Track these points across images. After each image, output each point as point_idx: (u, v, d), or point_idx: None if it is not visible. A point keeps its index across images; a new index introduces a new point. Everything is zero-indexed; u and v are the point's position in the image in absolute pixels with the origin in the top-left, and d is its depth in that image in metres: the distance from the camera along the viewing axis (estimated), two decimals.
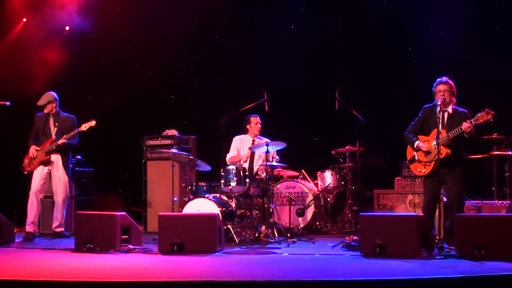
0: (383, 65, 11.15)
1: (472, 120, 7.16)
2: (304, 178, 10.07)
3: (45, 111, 9.21)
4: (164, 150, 10.11)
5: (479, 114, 7.13)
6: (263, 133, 9.60)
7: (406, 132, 7.73)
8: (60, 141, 9.02)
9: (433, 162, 7.36)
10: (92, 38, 12.26)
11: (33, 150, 9.11)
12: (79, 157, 10.19)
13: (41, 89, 9.42)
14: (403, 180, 9.54)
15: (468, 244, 6.67)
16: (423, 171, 7.54)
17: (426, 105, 7.64)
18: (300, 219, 9.49)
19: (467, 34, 10.62)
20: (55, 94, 9.27)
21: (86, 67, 12.09)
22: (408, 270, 6.12)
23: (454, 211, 7.24)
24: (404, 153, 7.79)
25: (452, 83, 7.50)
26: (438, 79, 7.54)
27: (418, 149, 7.57)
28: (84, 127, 9.02)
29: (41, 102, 9.17)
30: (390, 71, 11.09)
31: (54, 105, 9.22)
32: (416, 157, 7.59)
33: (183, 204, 8.74)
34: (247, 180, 8.64)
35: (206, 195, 8.62)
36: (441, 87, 7.46)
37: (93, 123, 9.03)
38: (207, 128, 10.09)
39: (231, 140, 9.66)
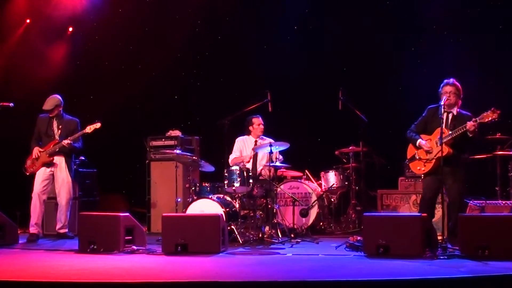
0: (386, 65, 11.13)
1: (477, 118, 7.12)
2: (308, 179, 10.07)
3: (51, 115, 9.17)
4: (167, 150, 10.10)
5: (485, 113, 7.09)
6: (267, 133, 9.59)
7: (409, 131, 7.72)
8: (65, 142, 9.00)
9: (434, 160, 7.35)
10: (96, 39, 12.29)
11: (36, 151, 9.10)
12: (83, 158, 10.19)
13: (44, 90, 9.43)
14: (406, 180, 9.53)
15: (471, 244, 6.68)
16: (423, 169, 7.52)
17: (431, 106, 7.61)
18: (303, 219, 9.49)
19: (470, 34, 10.60)
20: (60, 98, 9.25)
21: (89, 68, 12.11)
22: (412, 270, 6.12)
23: (457, 211, 7.24)
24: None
25: (459, 86, 7.48)
26: (445, 80, 7.52)
27: (419, 147, 7.55)
28: (89, 129, 9.02)
29: (47, 107, 9.11)
30: (394, 71, 11.06)
31: (60, 108, 9.22)
32: (417, 156, 7.58)
33: (186, 204, 8.74)
34: (251, 181, 8.64)
35: (210, 196, 8.61)
36: (448, 88, 7.44)
37: (98, 125, 9.02)
38: (211, 128, 10.09)
39: (234, 141, 9.66)
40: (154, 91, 12.09)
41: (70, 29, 12.36)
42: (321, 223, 9.75)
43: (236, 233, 8.24)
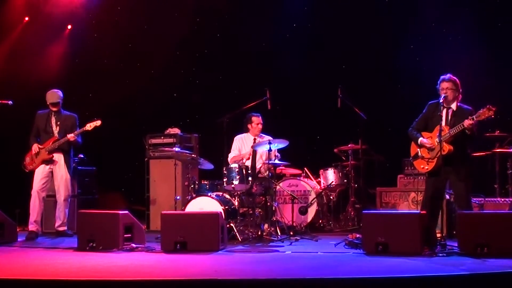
0: (385, 63, 11.13)
1: (474, 116, 7.09)
2: (307, 176, 10.07)
3: (55, 109, 9.15)
4: (166, 148, 10.10)
5: (481, 111, 7.06)
6: (266, 131, 9.59)
7: (410, 128, 7.66)
8: (70, 136, 8.96)
9: (436, 158, 7.32)
10: (95, 37, 12.28)
11: (35, 148, 9.09)
12: (82, 156, 10.18)
13: (43, 88, 9.41)
14: (405, 178, 9.53)
15: (470, 242, 6.68)
16: (426, 167, 7.48)
17: (431, 102, 7.56)
18: (302, 217, 9.49)
19: (470, 32, 10.60)
20: (61, 92, 9.27)
21: (88, 65, 12.09)
22: (411, 268, 6.12)
23: (464, 207, 7.19)
24: (407, 150, 7.75)
25: (457, 80, 7.42)
26: (442, 76, 7.47)
27: (421, 146, 7.52)
28: (89, 126, 9.00)
29: (54, 99, 9.10)
30: (392, 68, 11.07)
31: (61, 103, 9.22)
32: (420, 154, 7.53)
33: (185, 202, 8.74)
34: (250, 178, 8.64)
35: (209, 194, 8.62)
36: (444, 84, 7.39)
37: (98, 122, 9.01)
38: (210, 126, 10.09)
39: (233, 139, 9.65)
40: (153, 89, 12.08)
41: (69, 27, 12.35)
42: (320, 221, 9.76)
43: (235, 231, 8.25)
